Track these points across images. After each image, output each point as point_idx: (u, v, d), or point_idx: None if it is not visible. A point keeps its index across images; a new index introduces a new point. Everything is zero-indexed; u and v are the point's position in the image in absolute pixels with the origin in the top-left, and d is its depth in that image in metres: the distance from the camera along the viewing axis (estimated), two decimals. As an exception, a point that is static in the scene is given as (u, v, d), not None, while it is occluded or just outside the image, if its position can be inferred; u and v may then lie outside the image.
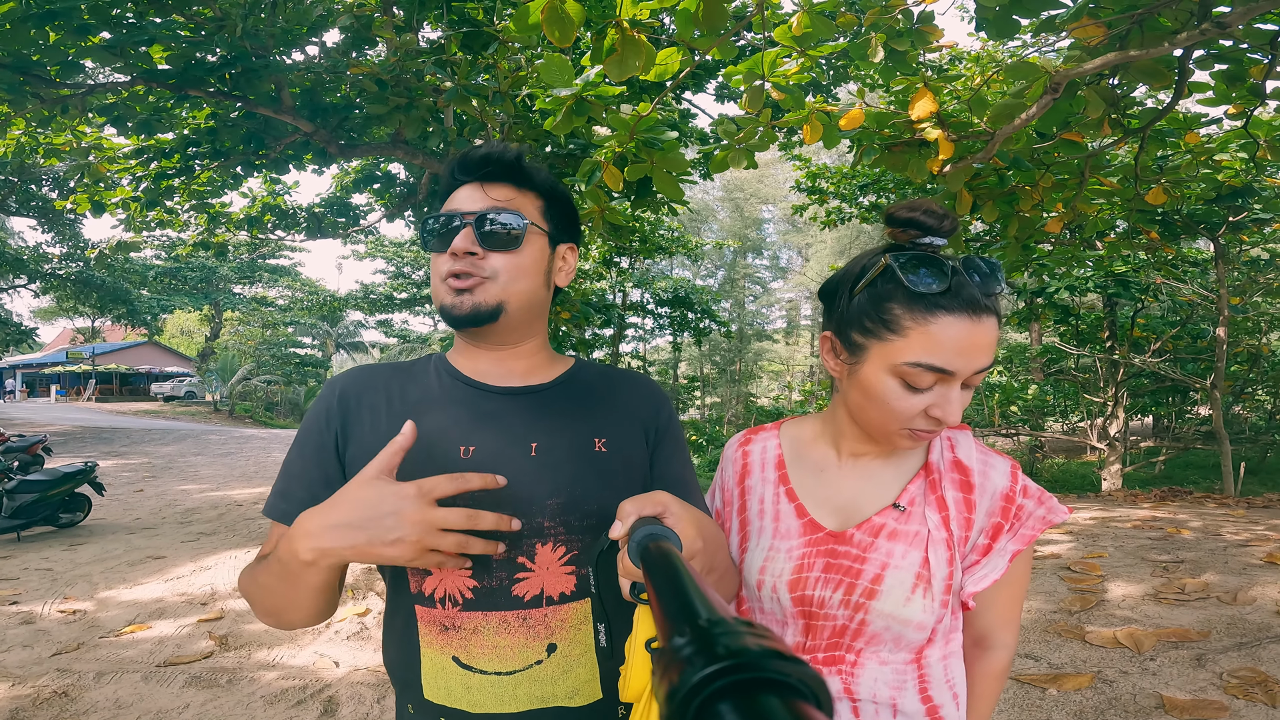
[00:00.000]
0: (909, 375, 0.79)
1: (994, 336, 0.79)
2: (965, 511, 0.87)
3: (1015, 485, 0.88)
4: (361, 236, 17.36)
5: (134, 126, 5.77)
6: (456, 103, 4.15)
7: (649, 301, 14.77)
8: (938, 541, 0.85)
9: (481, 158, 0.89)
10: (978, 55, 7.12)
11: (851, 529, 0.89)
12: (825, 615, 0.87)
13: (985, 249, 7.14)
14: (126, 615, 4.05)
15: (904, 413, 0.81)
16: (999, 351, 11.40)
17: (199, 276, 29.56)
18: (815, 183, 8.27)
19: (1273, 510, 5.65)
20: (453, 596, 0.82)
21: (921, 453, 0.92)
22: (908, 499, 0.88)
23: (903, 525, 0.87)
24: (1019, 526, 0.87)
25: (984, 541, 0.87)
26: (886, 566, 0.85)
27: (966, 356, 0.77)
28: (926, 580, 0.84)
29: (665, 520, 0.65)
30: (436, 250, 0.89)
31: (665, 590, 0.42)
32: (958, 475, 0.89)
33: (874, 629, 0.85)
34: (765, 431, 1.03)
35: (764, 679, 0.25)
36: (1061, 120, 2.63)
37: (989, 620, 0.91)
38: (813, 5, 1.88)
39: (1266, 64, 1.92)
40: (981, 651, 0.93)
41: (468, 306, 0.87)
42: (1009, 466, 0.90)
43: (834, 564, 0.88)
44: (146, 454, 13.83)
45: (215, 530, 6.70)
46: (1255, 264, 7.55)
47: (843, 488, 0.93)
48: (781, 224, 34.64)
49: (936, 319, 0.77)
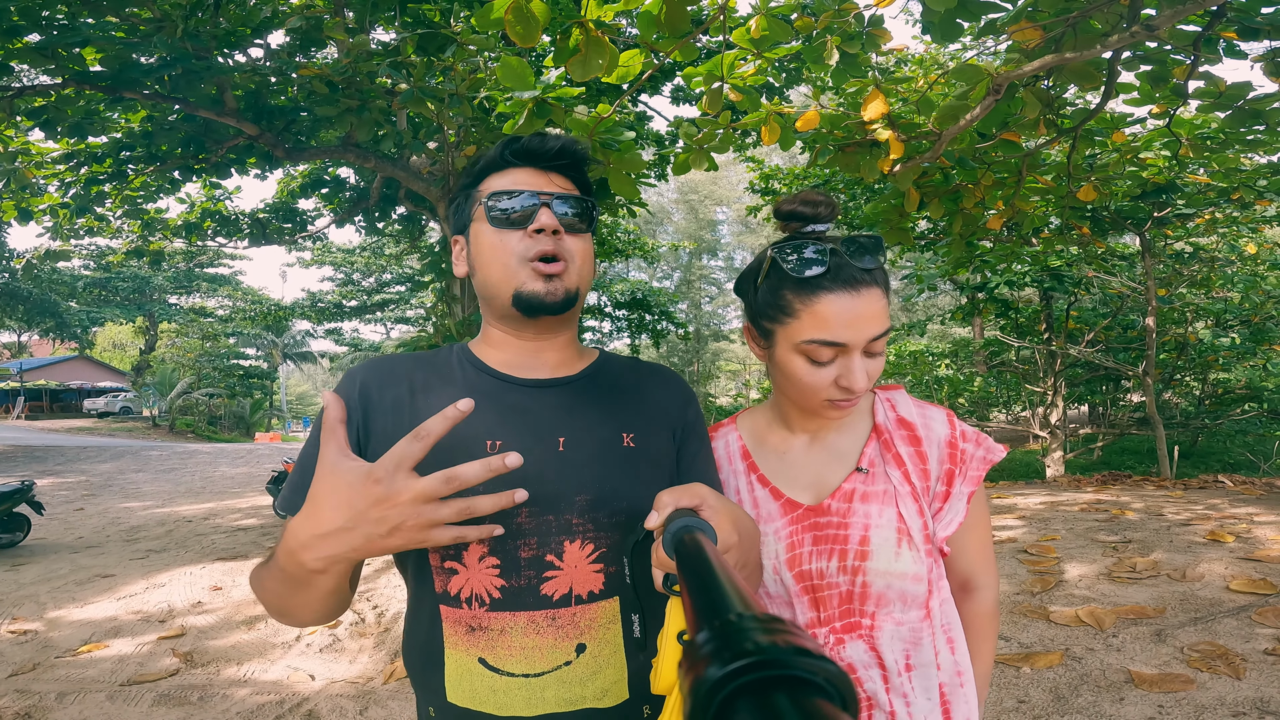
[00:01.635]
0: (809, 352, 0.87)
1: (879, 305, 0.86)
2: (920, 463, 0.94)
3: (955, 431, 0.96)
4: (309, 243, 16.92)
5: (64, 130, 5.51)
6: (412, 105, 4.11)
7: (606, 304, 14.80)
8: (904, 495, 0.92)
9: (559, 148, 0.88)
10: (922, 58, 7.38)
11: (826, 500, 0.94)
12: (828, 585, 0.91)
13: (932, 246, 7.40)
14: (81, 634, 3.89)
15: (816, 386, 0.89)
16: (944, 345, 11.83)
17: (131, 287, 28.33)
18: (768, 184, 8.44)
19: (1209, 491, 5.97)
20: (479, 596, 0.79)
21: (868, 416, 0.99)
22: (867, 461, 0.95)
23: (870, 486, 0.93)
24: (966, 469, 0.95)
25: (941, 488, 0.94)
26: (869, 527, 0.91)
27: (854, 328, 0.84)
28: (906, 533, 0.90)
29: (702, 513, 0.65)
30: (514, 225, 0.84)
31: (696, 583, 0.41)
32: (905, 431, 0.96)
33: (876, 589, 0.90)
34: (724, 427, 1.08)
35: (790, 676, 0.25)
36: (1001, 121, 2.77)
37: (965, 564, 0.98)
38: (770, 9, 1.95)
39: (1189, 64, 2.07)
40: (968, 594, 0.99)
41: (561, 292, 0.84)
42: (945, 415, 0.97)
43: (821, 535, 0.92)
44: (83, 472, 13.19)
45: (165, 547, 6.46)
46: (1180, 257, 8.00)
47: (806, 464, 0.98)
48: (736, 225, 35.11)
49: (820, 298, 0.85)
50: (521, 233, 0.84)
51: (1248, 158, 4.57)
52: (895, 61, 7.16)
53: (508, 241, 0.84)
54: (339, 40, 4.76)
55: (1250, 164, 4.67)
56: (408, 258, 18.73)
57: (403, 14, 4.93)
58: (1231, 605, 3.00)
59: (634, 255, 13.43)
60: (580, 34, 1.90)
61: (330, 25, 4.62)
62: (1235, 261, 7.79)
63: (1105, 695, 2.42)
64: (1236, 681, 2.41)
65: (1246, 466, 9.61)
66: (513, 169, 0.88)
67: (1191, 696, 2.35)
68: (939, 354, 10.76)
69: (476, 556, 0.80)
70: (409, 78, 4.11)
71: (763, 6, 1.97)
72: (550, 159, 0.88)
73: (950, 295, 19.84)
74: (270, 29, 5.05)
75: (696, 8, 4.64)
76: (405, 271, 20.79)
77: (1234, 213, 6.49)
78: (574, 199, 0.86)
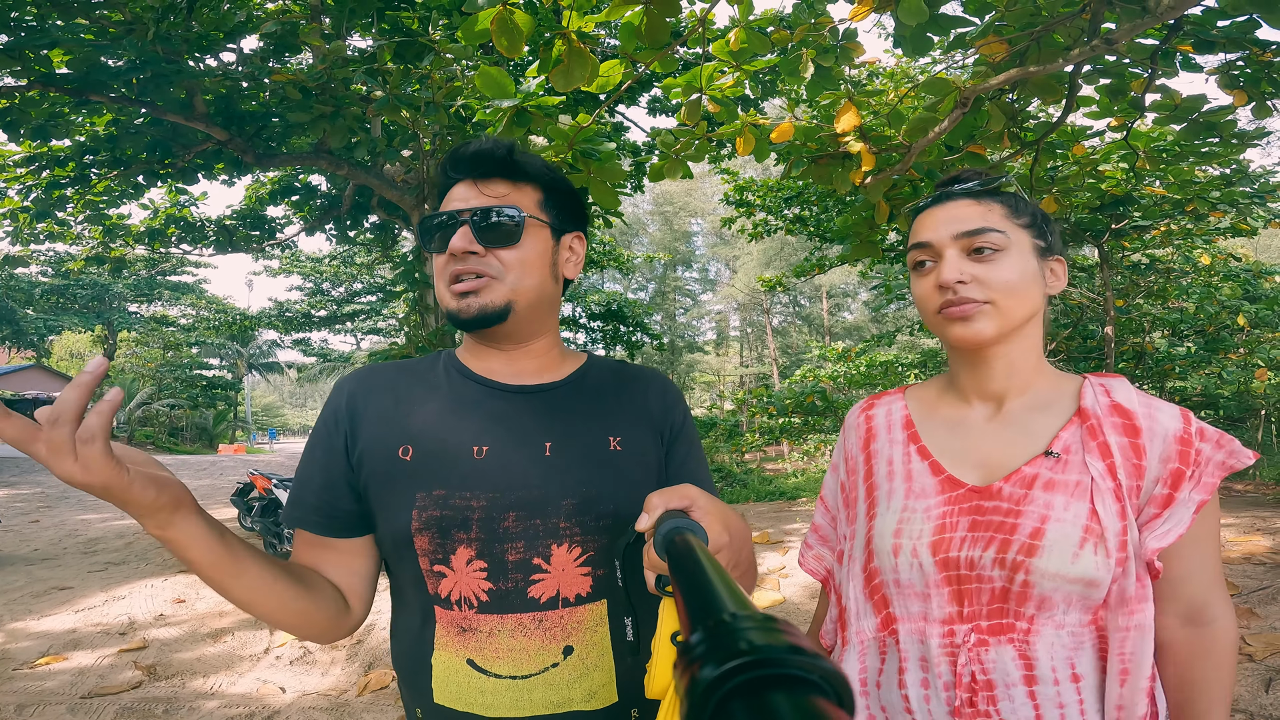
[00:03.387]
0: (910, 261, 0.91)
1: (969, 211, 0.87)
2: (1134, 458, 0.80)
3: (1190, 427, 0.81)
4: (277, 251, 16.63)
5: (27, 132, 5.39)
6: (387, 112, 4.10)
7: (581, 315, 14.79)
8: (1104, 491, 0.79)
9: (473, 154, 0.87)
10: (892, 72, 7.56)
11: (998, 482, 0.83)
12: (978, 578, 0.80)
13: (901, 258, 7.56)
14: (38, 647, 3.77)
15: (923, 296, 0.89)
16: (914, 355, 12.04)
17: (90, 294, 27.55)
18: (743, 195, 8.55)
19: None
20: (468, 599, 0.80)
21: (1073, 399, 0.87)
22: (1061, 446, 0.83)
23: (1060, 474, 0.81)
24: (1200, 473, 0.79)
25: (1163, 491, 0.79)
26: (1047, 519, 0.79)
27: (936, 228, 0.87)
28: (1098, 534, 0.77)
29: (692, 514, 0.64)
30: (436, 250, 0.86)
31: (689, 584, 0.40)
32: (1119, 419, 0.83)
33: (1041, 591, 0.77)
34: (889, 395, 1.00)
35: (786, 675, 0.25)
36: (968, 134, 2.86)
37: (1195, 589, 0.81)
38: (749, 22, 2.00)
39: (1146, 78, 2.17)
40: (1196, 629, 0.81)
41: (475, 308, 0.84)
42: (1178, 410, 0.83)
43: (981, 520, 0.82)
44: (39, 484, 12.77)
45: (125, 560, 6.27)
46: (1137, 268, 8.28)
47: (983, 440, 0.88)
48: (710, 236, 35.38)
49: (919, 217, 0.92)
50: (446, 255, 0.85)
51: (1202, 170, 4.76)
52: (868, 74, 7.32)
53: (437, 264, 0.87)
54: (314, 46, 4.73)
55: (1204, 176, 4.87)
56: (379, 267, 18.52)
57: (380, 21, 4.92)
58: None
59: (609, 266, 13.46)
60: (564, 45, 1.93)
61: (306, 30, 4.60)
62: (1190, 272, 8.09)
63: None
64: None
65: (1202, 472, 9.91)
66: (452, 186, 0.88)
67: (1155, 692, 2.43)
68: (908, 364, 10.95)
69: (464, 560, 0.80)
70: (385, 85, 4.10)
71: (742, 19, 2.02)
72: (472, 168, 0.87)
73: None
74: (244, 33, 5.01)
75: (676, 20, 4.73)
76: (376, 281, 20.53)
77: (1189, 224, 6.75)
78: (497, 210, 0.84)
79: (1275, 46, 2.08)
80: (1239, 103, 2.25)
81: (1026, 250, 0.85)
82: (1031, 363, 0.88)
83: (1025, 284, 0.84)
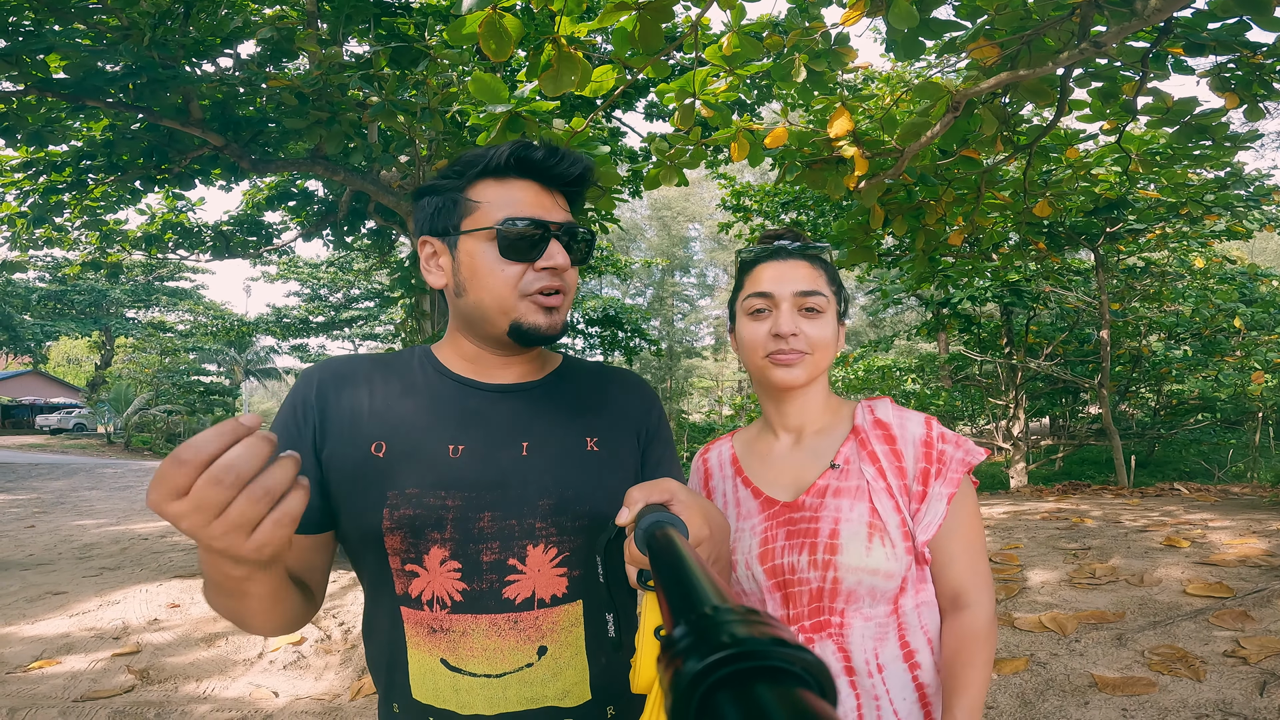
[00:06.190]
0: (748, 308, 1.02)
1: (805, 271, 1.01)
2: (895, 461, 0.97)
3: (931, 432, 0.99)
4: (274, 257, 16.64)
5: (24, 137, 5.38)
6: (383, 118, 4.10)
7: (579, 321, 14.81)
8: (879, 491, 0.95)
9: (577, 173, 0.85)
10: (887, 76, 7.59)
11: (802, 496, 0.98)
12: (799, 580, 0.93)
13: (896, 262, 7.58)
14: (31, 651, 3.75)
15: (754, 340, 1.01)
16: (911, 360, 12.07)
17: (87, 300, 27.50)
18: (740, 200, 8.56)
19: (1164, 499, 6.14)
20: (441, 599, 0.79)
21: (848, 420, 1.05)
22: (842, 459, 0.99)
23: (843, 482, 0.97)
24: (945, 470, 0.96)
25: (918, 488, 0.96)
26: (839, 520, 0.93)
27: (778, 282, 0.99)
28: (881, 529, 0.92)
29: (673, 507, 0.64)
30: (518, 259, 0.81)
31: (671, 577, 0.41)
32: (880, 431, 1.01)
33: (848, 585, 0.91)
34: (720, 441, 1.17)
35: (769, 667, 0.25)
36: (960, 138, 2.87)
37: (954, 576, 0.95)
38: (742, 27, 2.01)
39: (1138, 81, 2.18)
40: (957, 611, 0.95)
41: (560, 326, 0.84)
42: (923, 418, 1.01)
43: (794, 530, 0.96)
44: (35, 489, 12.70)
45: (120, 565, 6.24)
46: (1132, 271, 8.31)
47: (789, 465, 1.04)
48: (708, 242, 35.44)
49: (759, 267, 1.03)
50: (527, 265, 0.81)
51: (1195, 173, 4.78)
52: (862, 79, 7.35)
53: (511, 272, 0.82)
54: (311, 52, 4.74)
55: (1198, 179, 4.88)
56: (376, 273, 18.51)
57: (377, 27, 4.93)
58: (1189, 609, 3.08)
59: (607, 272, 13.48)
60: (552, 50, 1.94)
61: (302, 37, 4.60)
62: (1185, 276, 8.10)
63: (1070, 699, 2.46)
64: (1197, 684, 2.45)
65: (1201, 474, 9.95)
66: (512, 179, 0.84)
67: (1154, 699, 2.39)
68: (905, 369, 10.97)
69: (438, 560, 0.79)
70: (380, 90, 4.11)
71: (735, 24, 2.03)
72: (559, 180, 0.85)
73: (916, 311, 20.29)
74: (241, 39, 5.01)
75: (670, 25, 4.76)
76: (373, 287, 20.53)
77: (1183, 228, 6.77)
78: (580, 232, 0.85)
79: (1266, 49, 2.10)
80: (1231, 105, 2.26)
81: (833, 313, 1.03)
82: (821, 400, 1.05)
83: (832, 341, 1.01)
